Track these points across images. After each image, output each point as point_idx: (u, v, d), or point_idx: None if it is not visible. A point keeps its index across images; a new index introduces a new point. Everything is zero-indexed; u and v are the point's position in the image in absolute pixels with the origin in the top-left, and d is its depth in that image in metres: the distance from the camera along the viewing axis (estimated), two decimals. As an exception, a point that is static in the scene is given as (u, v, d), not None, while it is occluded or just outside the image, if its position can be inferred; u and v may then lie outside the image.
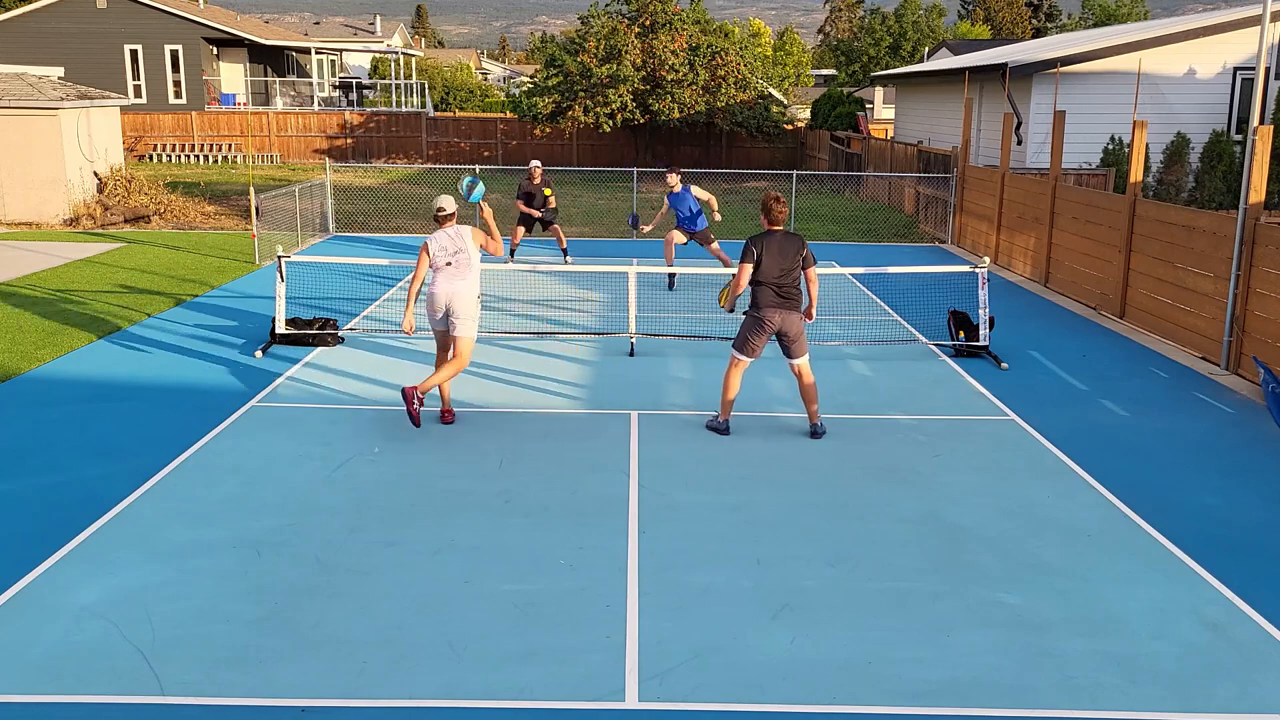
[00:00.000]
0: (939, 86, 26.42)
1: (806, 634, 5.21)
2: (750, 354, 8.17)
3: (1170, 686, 4.82)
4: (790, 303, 8.03)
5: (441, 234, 8.23)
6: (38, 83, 20.19)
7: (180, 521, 6.40)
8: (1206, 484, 7.39)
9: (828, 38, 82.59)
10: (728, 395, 8.25)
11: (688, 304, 13.14)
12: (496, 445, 7.88)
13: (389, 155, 35.86)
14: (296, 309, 12.05)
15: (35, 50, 34.52)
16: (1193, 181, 19.65)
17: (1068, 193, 14.43)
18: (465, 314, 8.15)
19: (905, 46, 62.66)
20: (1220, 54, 20.05)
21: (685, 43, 30.73)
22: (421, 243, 8.36)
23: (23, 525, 6.32)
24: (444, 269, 8.15)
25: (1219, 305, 10.58)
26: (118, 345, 10.72)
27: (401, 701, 4.60)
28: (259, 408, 8.72)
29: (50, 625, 5.16)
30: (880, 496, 7.02)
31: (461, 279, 8.14)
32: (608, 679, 4.79)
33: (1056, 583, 5.80)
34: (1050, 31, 65.93)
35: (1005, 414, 8.91)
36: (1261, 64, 10.25)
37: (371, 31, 64.59)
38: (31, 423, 8.24)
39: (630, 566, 5.90)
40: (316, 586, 5.61)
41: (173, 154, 34.78)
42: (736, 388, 8.26)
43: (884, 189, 25.58)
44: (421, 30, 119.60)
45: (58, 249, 16.77)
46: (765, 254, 7.95)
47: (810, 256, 8.07)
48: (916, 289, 14.17)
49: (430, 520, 6.50)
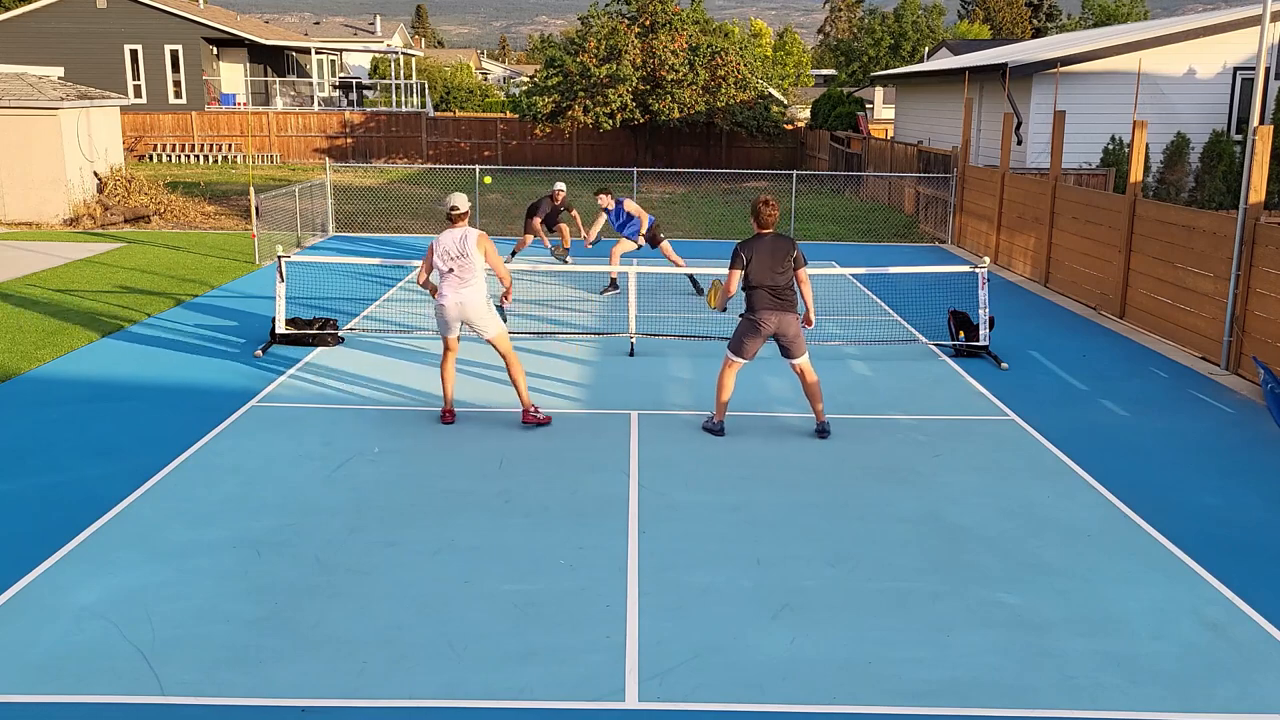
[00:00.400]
0: (939, 86, 26.43)
1: (806, 634, 5.21)
2: (744, 356, 8.17)
3: (1170, 686, 4.82)
4: (785, 304, 8.01)
5: (448, 235, 8.09)
6: (38, 83, 20.20)
7: (180, 521, 6.41)
8: (1206, 484, 7.39)
9: (827, 38, 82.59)
10: (722, 396, 8.24)
11: (688, 304, 13.14)
12: (496, 445, 7.88)
13: (389, 155, 35.86)
14: (296, 309, 12.06)
15: (35, 50, 34.51)
16: (1193, 181, 19.66)
17: (1068, 193, 14.44)
18: (482, 319, 8.12)
19: (905, 46, 62.64)
20: (1220, 54, 20.05)
21: (685, 43, 30.73)
22: (427, 243, 8.34)
23: (23, 525, 6.32)
24: (448, 276, 8.09)
25: (1219, 305, 10.58)
26: (118, 345, 10.72)
27: (401, 701, 4.60)
28: (259, 408, 8.72)
29: (50, 625, 5.16)
30: (880, 496, 7.02)
31: (466, 287, 8.07)
32: (608, 679, 4.79)
33: (1056, 583, 5.80)
34: (1050, 31, 65.93)
35: (1005, 414, 8.91)
36: (1261, 64, 10.25)
37: (371, 31, 64.60)
38: (32, 423, 8.24)
39: (630, 566, 5.90)
40: (316, 586, 5.61)
41: (173, 154, 34.78)
42: (730, 388, 8.25)
43: (884, 189, 25.58)
44: (421, 30, 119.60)
45: (58, 249, 16.77)
46: (755, 258, 7.92)
47: (801, 258, 8.05)
48: (916, 289, 14.17)
49: (430, 520, 6.50)
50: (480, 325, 8.16)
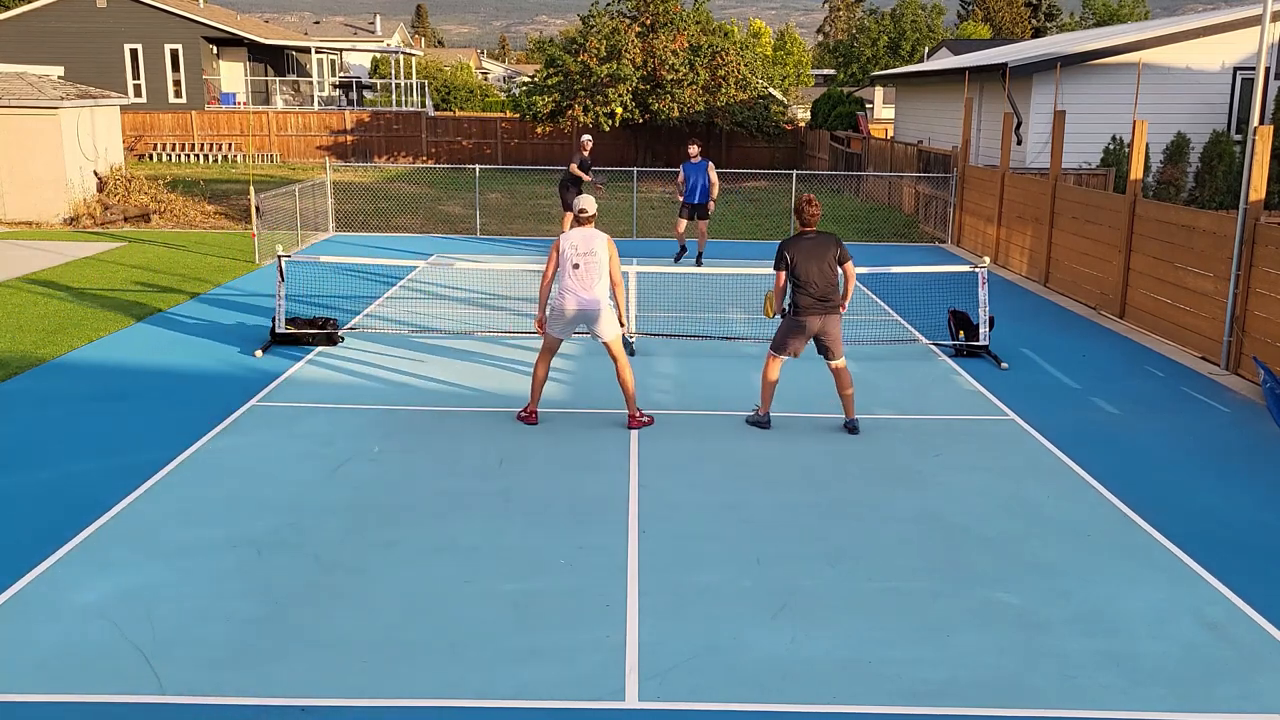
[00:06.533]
0: (939, 86, 26.43)
1: (806, 634, 5.21)
2: (786, 353, 8.21)
3: (1170, 686, 4.82)
4: (829, 305, 8.04)
5: (576, 233, 8.04)
6: (38, 82, 20.19)
7: (180, 521, 6.40)
8: (1206, 484, 7.39)
9: (826, 38, 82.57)
10: (767, 389, 8.27)
11: (688, 304, 13.14)
12: (496, 445, 7.88)
13: (389, 154, 35.85)
14: (296, 308, 12.05)
15: (35, 50, 34.49)
16: (1193, 181, 19.66)
17: (1068, 192, 14.43)
18: (604, 321, 8.08)
19: (905, 46, 62.64)
20: (1220, 54, 20.04)
21: (686, 42, 30.72)
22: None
23: (23, 524, 6.32)
24: (572, 271, 7.99)
25: (1219, 305, 10.58)
26: (118, 344, 10.72)
27: (401, 701, 4.60)
28: (259, 407, 8.72)
29: (50, 625, 5.16)
30: (880, 496, 7.02)
31: (590, 290, 7.99)
32: (608, 679, 4.79)
33: (1056, 583, 5.81)
34: (1050, 31, 65.92)
35: (1005, 414, 8.91)
36: (1261, 64, 10.25)
37: (371, 31, 64.63)
38: (32, 421, 8.24)
39: (630, 566, 5.90)
40: (316, 586, 5.61)
41: (172, 153, 34.77)
42: (775, 378, 8.25)
43: (884, 189, 25.58)
44: (421, 30, 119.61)
45: (58, 248, 16.77)
46: (799, 257, 7.94)
47: (845, 252, 8.08)
48: (916, 289, 14.17)
49: (430, 520, 6.50)
50: (600, 327, 8.12)
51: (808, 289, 7.97)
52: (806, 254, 7.94)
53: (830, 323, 8.05)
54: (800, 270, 7.94)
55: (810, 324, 8.03)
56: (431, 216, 21.54)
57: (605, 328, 8.14)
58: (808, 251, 7.95)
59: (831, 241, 8.03)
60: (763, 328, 11.86)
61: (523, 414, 8.40)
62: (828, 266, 7.96)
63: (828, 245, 7.99)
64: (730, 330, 11.74)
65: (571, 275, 8.00)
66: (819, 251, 7.96)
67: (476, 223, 19.88)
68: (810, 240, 7.99)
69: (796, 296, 8.05)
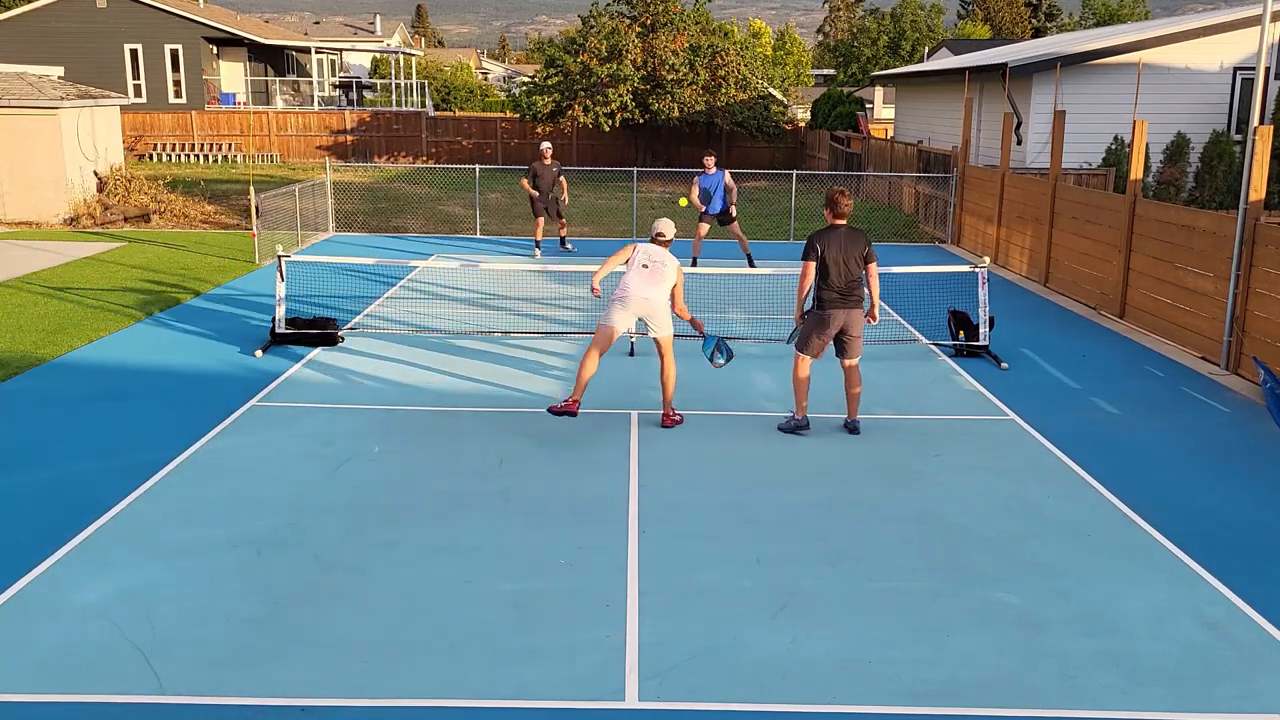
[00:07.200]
0: (939, 86, 26.42)
1: (806, 634, 5.21)
2: (811, 353, 8.17)
3: (1170, 686, 4.82)
4: (853, 300, 8.03)
5: (653, 247, 8.39)
6: (38, 82, 20.19)
7: (180, 521, 6.40)
8: (1206, 484, 7.39)
9: (826, 38, 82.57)
10: (799, 389, 8.24)
11: (688, 305, 13.09)
12: (496, 445, 7.88)
13: (389, 155, 35.86)
14: (297, 308, 12.05)
15: (35, 50, 34.49)
16: (1193, 181, 19.65)
17: (1068, 192, 14.43)
18: (660, 318, 8.26)
19: (905, 46, 62.64)
20: (1220, 54, 20.04)
21: (686, 42, 30.72)
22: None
23: (23, 524, 6.32)
24: (639, 270, 8.25)
25: (1219, 305, 10.58)
26: (118, 344, 10.72)
27: (401, 701, 4.60)
28: (259, 407, 8.72)
29: (50, 625, 5.16)
30: (880, 496, 7.02)
31: (654, 286, 8.20)
32: (608, 679, 4.79)
33: (1056, 583, 5.81)
34: (1050, 31, 65.92)
35: (1005, 414, 8.90)
36: (1261, 64, 10.25)
37: (371, 31, 64.63)
38: (32, 421, 8.24)
39: (630, 566, 5.90)
40: (316, 586, 5.61)
41: (172, 153, 34.76)
42: (806, 374, 8.22)
43: (884, 189, 25.58)
44: (421, 30, 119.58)
45: (58, 248, 16.77)
46: (828, 250, 7.93)
47: (872, 252, 8.08)
48: (916, 289, 14.17)
49: (430, 520, 6.50)
50: (657, 322, 8.27)
51: (832, 284, 7.97)
52: (836, 247, 7.93)
53: (853, 318, 8.05)
54: (828, 263, 7.93)
55: (834, 317, 8.02)
56: (431, 217, 21.54)
57: (661, 324, 8.29)
58: (838, 245, 7.94)
59: (861, 238, 8.03)
60: (763, 328, 11.86)
61: (561, 406, 7.97)
62: (854, 263, 7.96)
63: (857, 241, 8.00)
64: (730, 330, 11.73)
65: (638, 272, 8.25)
66: (848, 246, 7.96)
67: (476, 223, 19.88)
68: (841, 234, 7.98)
69: (820, 291, 8.04)
